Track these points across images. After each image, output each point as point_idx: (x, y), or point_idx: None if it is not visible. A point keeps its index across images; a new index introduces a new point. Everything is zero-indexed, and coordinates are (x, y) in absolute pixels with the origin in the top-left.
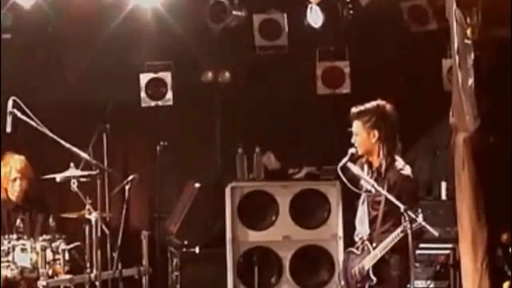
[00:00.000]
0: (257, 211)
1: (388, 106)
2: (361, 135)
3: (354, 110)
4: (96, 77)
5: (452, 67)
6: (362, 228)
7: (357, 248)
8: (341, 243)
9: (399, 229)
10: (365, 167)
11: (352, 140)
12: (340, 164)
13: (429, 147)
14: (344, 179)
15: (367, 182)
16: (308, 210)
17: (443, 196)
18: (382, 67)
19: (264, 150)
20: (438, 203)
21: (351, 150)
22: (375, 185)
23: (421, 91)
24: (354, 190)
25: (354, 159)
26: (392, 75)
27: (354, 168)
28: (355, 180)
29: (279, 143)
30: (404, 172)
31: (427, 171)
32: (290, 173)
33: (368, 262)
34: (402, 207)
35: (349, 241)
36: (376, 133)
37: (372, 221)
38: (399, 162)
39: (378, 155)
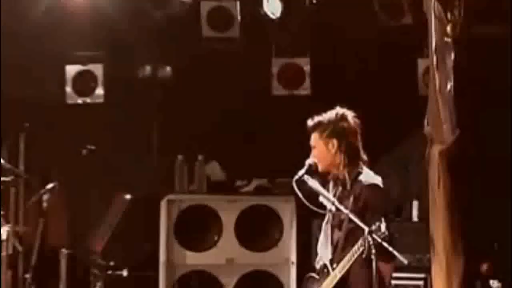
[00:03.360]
0: (197, 229)
1: (349, 114)
2: (319, 147)
3: (310, 123)
4: (14, 69)
5: (428, 68)
6: (324, 252)
7: (317, 273)
8: (294, 269)
9: (358, 242)
10: (331, 183)
11: (311, 157)
12: (296, 176)
13: (399, 161)
14: (300, 195)
15: (327, 198)
16: (257, 229)
17: (415, 217)
18: (348, 65)
19: (208, 159)
20: (409, 225)
21: (309, 161)
22: (335, 201)
23: (393, 95)
24: (311, 208)
25: (320, 174)
26: (360, 75)
27: (312, 182)
28: (314, 196)
29: (225, 151)
30: (370, 181)
31: (397, 189)
32: (237, 185)
33: (326, 286)
34: (366, 228)
35: (304, 268)
36: (335, 142)
37: (336, 244)
38: (367, 173)
39: (341, 167)
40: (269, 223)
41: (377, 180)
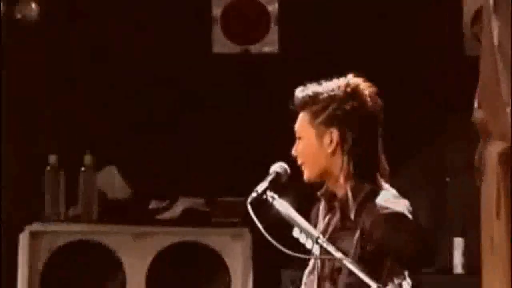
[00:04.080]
0: (80, 281)
1: (365, 86)
2: (307, 139)
3: (298, 95)
4: None
5: (480, 12)
6: None
7: None
8: None
9: None
10: (322, 205)
11: (293, 151)
12: (253, 193)
13: (433, 170)
14: (260, 226)
15: (307, 234)
16: (185, 284)
17: (457, 267)
18: (345, 7)
19: (102, 162)
20: (448, 281)
21: (277, 167)
22: (322, 239)
23: (422, 57)
24: (280, 249)
25: (302, 188)
26: (368, 24)
27: (281, 204)
28: (285, 228)
29: (131, 149)
30: (392, 207)
31: (428, 214)
32: (152, 208)
33: None
34: (374, 285)
35: None
36: (335, 133)
37: None
38: (386, 193)
39: (341, 178)
40: (206, 274)
41: (402, 205)
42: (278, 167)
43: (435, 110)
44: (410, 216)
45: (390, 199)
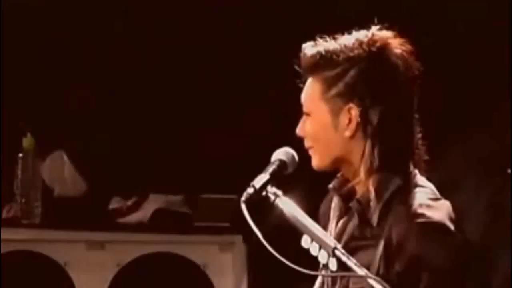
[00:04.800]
0: None
1: (396, 44)
2: (317, 116)
3: (307, 51)
4: None
5: None
6: None
7: None
8: None
9: None
10: (334, 203)
11: (298, 129)
12: (250, 190)
13: (491, 160)
14: (258, 233)
15: (319, 243)
16: None
17: None
18: None
19: (49, 148)
20: None
21: (281, 154)
22: (340, 252)
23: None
24: (284, 262)
25: (311, 181)
26: None
27: (286, 204)
28: (290, 235)
29: (87, 132)
30: (427, 215)
31: (483, 220)
32: (113, 209)
33: None
34: None
35: None
36: (355, 111)
37: None
38: (421, 191)
39: (362, 171)
40: None
41: (443, 211)
42: (282, 153)
43: (495, 85)
44: (452, 226)
45: (426, 201)
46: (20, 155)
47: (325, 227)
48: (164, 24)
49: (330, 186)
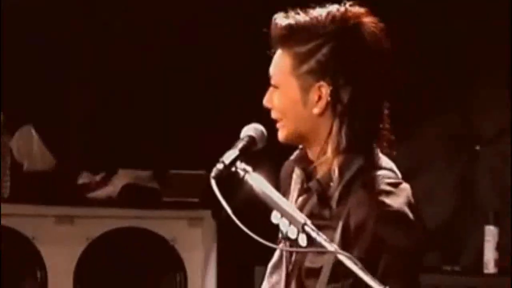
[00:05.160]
0: None
1: (369, 22)
2: (286, 91)
3: (278, 21)
4: None
5: None
6: None
7: None
8: None
9: None
10: (294, 179)
11: (265, 100)
12: (219, 165)
13: (459, 138)
14: (227, 208)
15: (289, 219)
16: (125, 285)
17: (490, 265)
18: None
19: (17, 123)
20: (476, 282)
21: (250, 129)
22: (309, 228)
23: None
24: (253, 238)
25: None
26: None
27: (256, 179)
28: (257, 211)
29: (55, 106)
30: (387, 203)
31: (452, 195)
32: (82, 184)
33: None
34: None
35: None
36: (325, 89)
37: None
38: (383, 175)
39: (329, 150)
40: (155, 271)
41: (402, 196)
42: (251, 129)
43: (462, 67)
44: (411, 213)
45: (386, 187)
46: None
47: (285, 193)
48: None
49: (292, 158)
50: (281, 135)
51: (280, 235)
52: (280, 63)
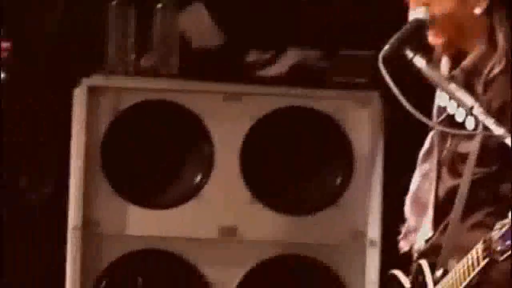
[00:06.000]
0: (153, 151)
1: None
2: (441, 2)
3: None
4: None
5: None
6: (418, 220)
7: (407, 272)
8: (375, 254)
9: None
10: (445, 62)
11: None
12: (388, 47)
13: None
14: (394, 89)
15: (457, 102)
16: (290, 161)
17: None
18: None
19: None
20: None
21: (419, 13)
22: (478, 111)
23: None
24: (420, 119)
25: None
26: None
27: (423, 63)
28: (423, 96)
29: None
30: None
31: None
32: (250, 62)
33: None
34: None
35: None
36: None
37: (441, 206)
38: None
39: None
40: (324, 148)
41: None
42: (420, 12)
43: None
44: None
45: None
46: (159, 5)
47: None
48: None
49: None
50: (444, 44)
51: (434, 119)
52: None
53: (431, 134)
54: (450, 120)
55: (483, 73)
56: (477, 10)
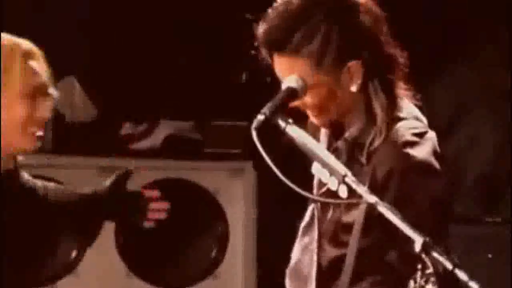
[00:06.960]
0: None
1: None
2: (316, 87)
3: (268, 25)
4: None
5: None
6: None
7: None
8: None
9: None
10: (323, 134)
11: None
12: (260, 116)
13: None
14: (267, 159)
15: (330, 170)
16: (171, 236)
17: None
18: None
19: (59, 73)
20: None
21: (291, 81)
22: (350, 179)
23: None
24: (294, 190)
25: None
26: None
27: (295, 131)
28: (297, 164)
29: (98, 56)
30: (411, 154)
31: (489, 140)
32: (125, 134)
33: None
34: (419, 240)
35: None
36: (354, 66)
37: (325, 278)
38: (408, 123)
39: (355, 118)
40: (198, 221)
41: (427, 144)
42: (292, 80)
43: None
44: (436, 163)
45: (409, 136)
46: None
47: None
48: None
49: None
50: (322, 122)
51: (315, 191)
52: (295, 69)
53: (311, 207)
54: (332, 192)
55: (366, 145)
56: (353, 88)
